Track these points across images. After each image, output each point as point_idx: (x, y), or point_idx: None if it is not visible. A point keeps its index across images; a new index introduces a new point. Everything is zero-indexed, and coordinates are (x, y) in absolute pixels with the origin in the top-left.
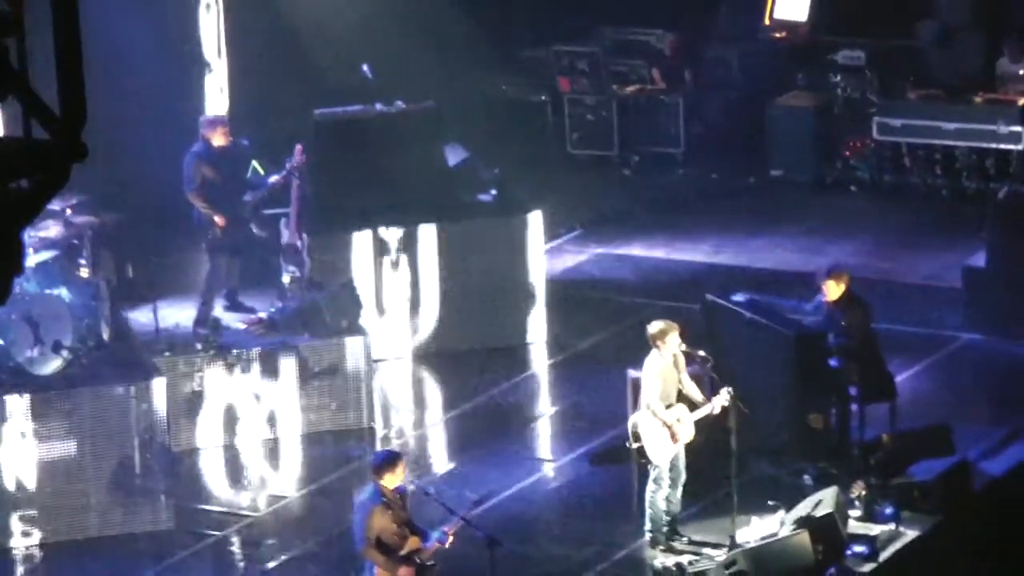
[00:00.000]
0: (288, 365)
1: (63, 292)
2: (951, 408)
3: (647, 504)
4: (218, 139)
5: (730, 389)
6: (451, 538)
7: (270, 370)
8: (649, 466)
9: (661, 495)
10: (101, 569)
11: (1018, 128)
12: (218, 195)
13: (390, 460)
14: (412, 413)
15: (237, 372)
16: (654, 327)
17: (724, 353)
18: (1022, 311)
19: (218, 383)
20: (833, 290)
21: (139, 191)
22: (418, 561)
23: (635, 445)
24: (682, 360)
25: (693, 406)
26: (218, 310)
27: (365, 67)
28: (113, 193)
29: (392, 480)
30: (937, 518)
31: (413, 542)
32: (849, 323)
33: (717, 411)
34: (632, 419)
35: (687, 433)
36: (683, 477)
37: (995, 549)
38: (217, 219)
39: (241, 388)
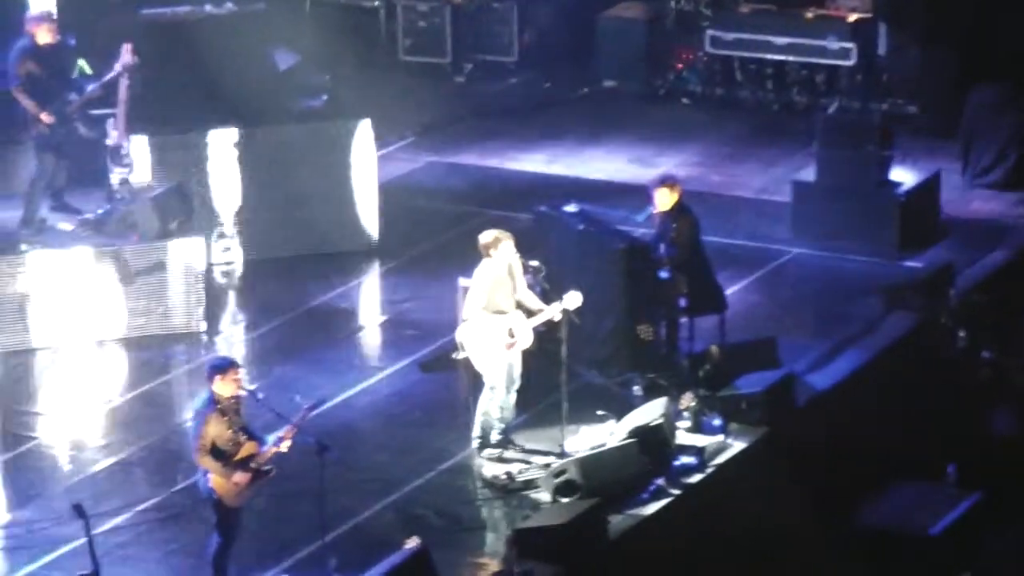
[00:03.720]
0: (115, 267)
1: None
2: (778, 321)
3: (480, 411)
4: (44, 36)
5: (575, 292)
6: (287, 443)
7: (97, 272)
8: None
9: (495, 403)
10: None
11: (848, 44)
12: (43, 92)
13: (222, 366)
14: (242, 318)
15: (63, 273)
16: (486, 236)
17: (555, 264)
18: (849, 225)
19: (44, 284)
20: (665, 199)
21: None
22: (254, 466)
23: (462, 355)
24: (518, 268)
25: (530, 313)
26: (44, 210)
27: None
28: None
29: (224, 387)
30: (763, 430)
31: (249, 447)
32: (678, 234)
33: (558, 317)
34: (459, 330)
35: (524, 340)
36: (517, 384)
37: (818, 462)
38: (43, 116)
39: (67, 290)
